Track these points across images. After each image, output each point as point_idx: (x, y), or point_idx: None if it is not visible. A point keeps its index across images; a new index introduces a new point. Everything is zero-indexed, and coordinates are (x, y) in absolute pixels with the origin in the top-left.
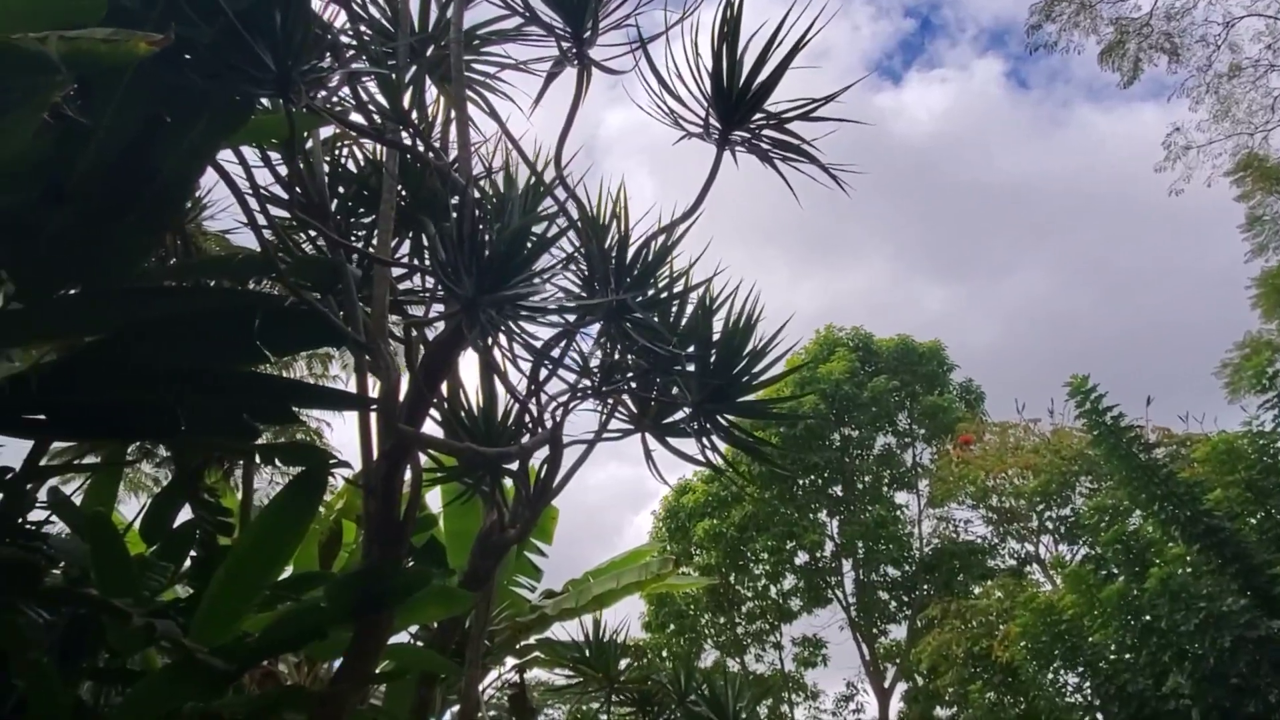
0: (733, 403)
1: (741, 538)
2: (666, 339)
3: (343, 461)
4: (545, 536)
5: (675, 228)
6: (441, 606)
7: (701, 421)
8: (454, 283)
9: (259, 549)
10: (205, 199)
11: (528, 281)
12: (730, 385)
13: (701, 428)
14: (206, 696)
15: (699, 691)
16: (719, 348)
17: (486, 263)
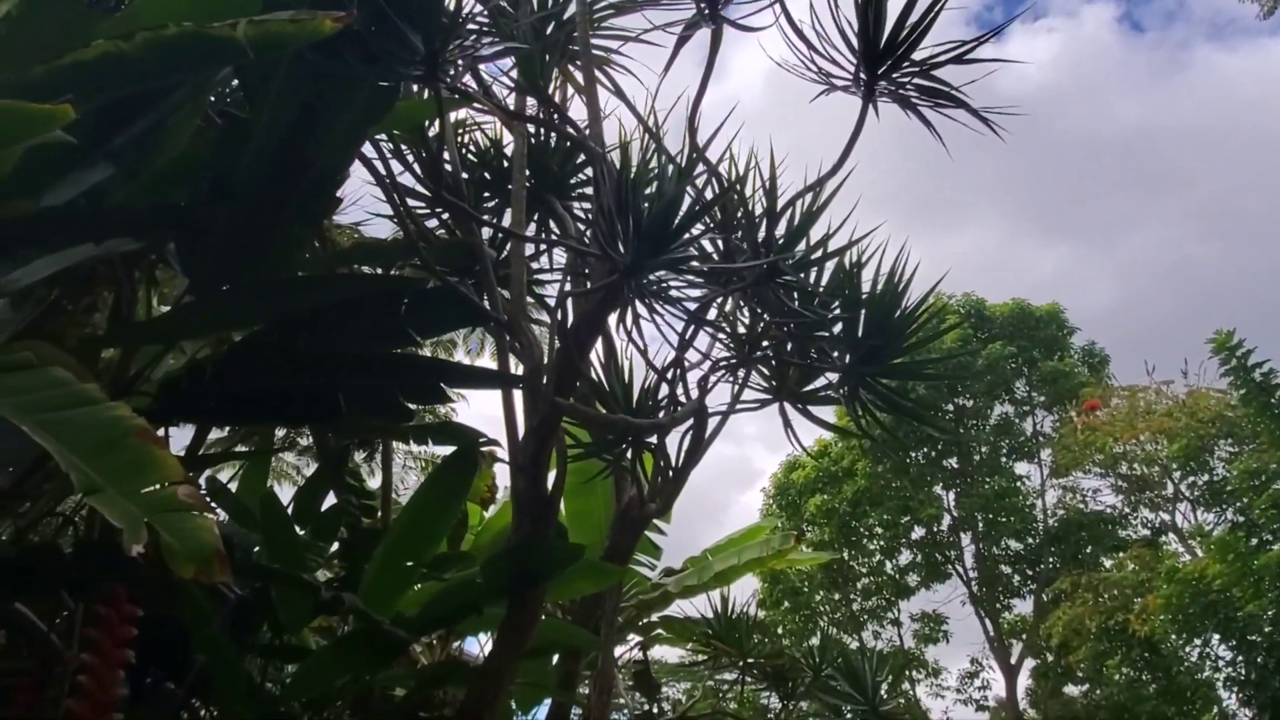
0: (886, 365)
1: (854, 513)
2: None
3: (492, 440)
4: (665, 515)
5: (822, 186)
6: (590, 580)
7: (853, 385)
8: (611, 250)
9: (415, 528)
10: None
11: (683, 247)
12: (885, 346)
13: (853, 392)
14: (372, 670)
15: (835, 665)
16: (869, 308)
17: (645, 229)
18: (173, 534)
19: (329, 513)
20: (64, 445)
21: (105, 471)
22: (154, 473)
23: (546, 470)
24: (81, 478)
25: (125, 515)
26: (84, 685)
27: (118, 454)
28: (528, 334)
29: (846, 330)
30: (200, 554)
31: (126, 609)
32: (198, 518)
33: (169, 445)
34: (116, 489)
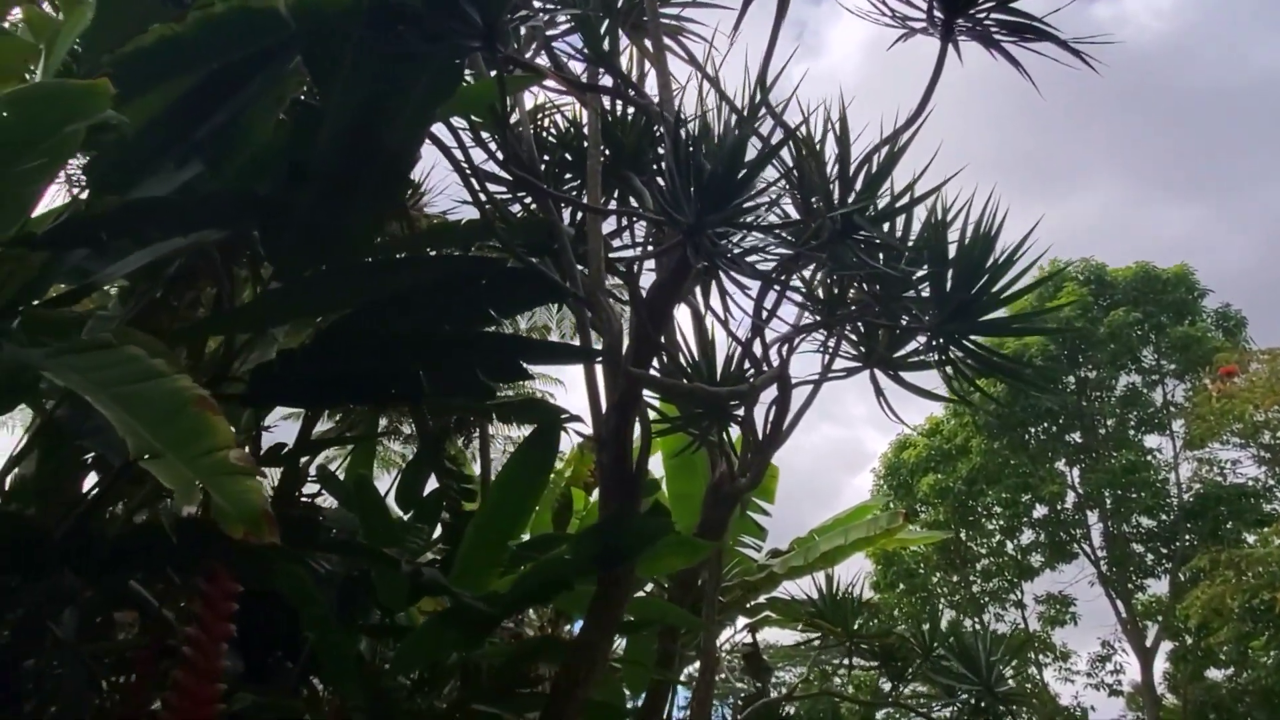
0: (975, 321)
1: (970, 492)
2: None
3: (574, 416)
4: (767, 495)
5: (900, 136)
6: (681, 556)
7: (942, 344)
8: (674, 210)
9: (502, 506)
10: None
11: (748, 201)
12: (974, 301)
13: (942, 351)
14: (467, 646)
15: (947, 645)
16: (956, 262)
17: (705, 185)
18: (224, 496)
19: (431, 497)
20: (129, 415)
21: (165, 439)
22: (209, 439)
23: (630, 445)
24: (138, 443)
25: (180, 479)
26: (189, 657)
27: (177, 423)
28: (606, 308)
29: (933, 286)
30: (249, 515)
31: (227, 585)
32: (248, 481)
33: (221, 412)
34: (175, 455)
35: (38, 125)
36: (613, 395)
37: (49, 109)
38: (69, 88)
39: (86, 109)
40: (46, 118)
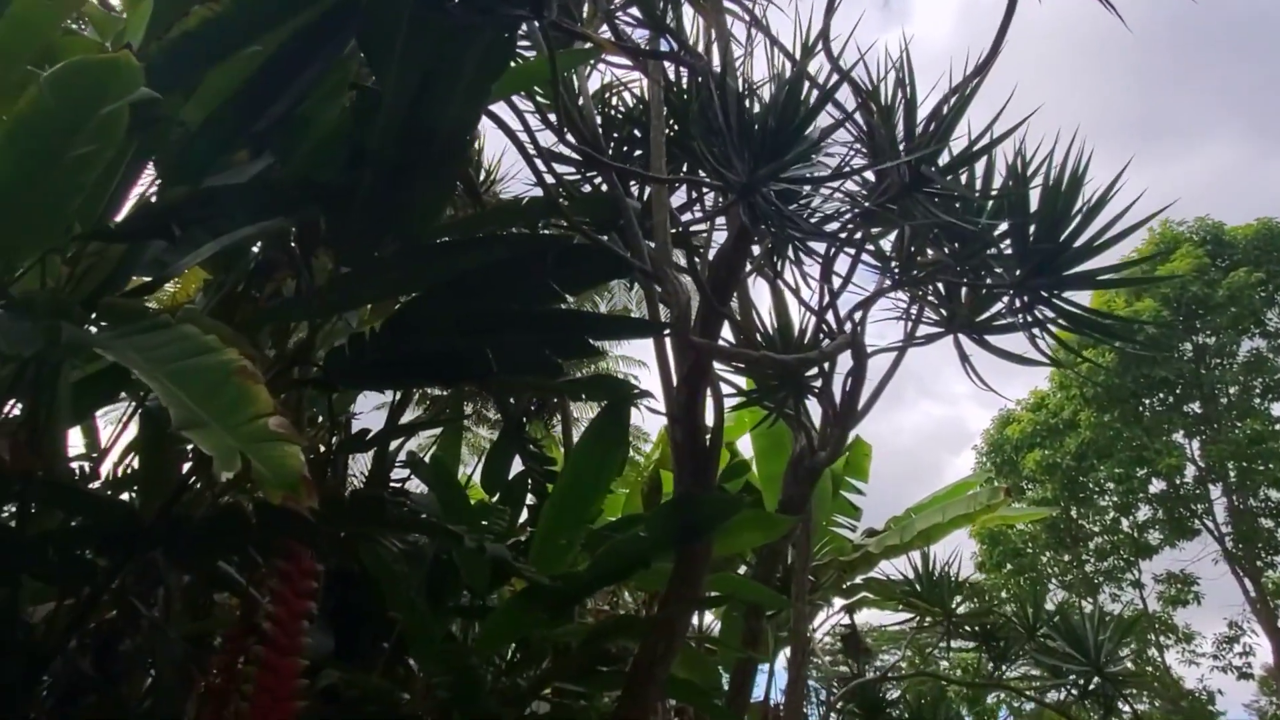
0: (1061, 276)
1: (1080, 467)
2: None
3: (645, 391)
4: (860, 474)
5: (969, 82)
6: (759, 531)
7: (1027, 302)
8: (726, 169)
9: (576, 484)
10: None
11: (804, 155)
12: (1059, 252)
13: (1027, 310)
14: (549, 624)
15: (1052, 625)
16: (1040, 213)
17: (757, 140)
18: (263, 462)
19: (515, 480)
20: (176, 388)
21: (209, 409)
22: (250, 407)
23: (703, 420)
24: (181, 414)
25: (221, 447)
26: (271, 634)
27: (221, 393)
28: (673, 281)
29: (1015, 239)
30: (287, 480)
31: (306, 564)
32: (286, 446)
33: (263, 381)
34: (218, 424)
35: (77, 107)
36: (682, 368)
37: (80, 87)
38: (93, 62)
39: (117, 85)
40: (81, 97)
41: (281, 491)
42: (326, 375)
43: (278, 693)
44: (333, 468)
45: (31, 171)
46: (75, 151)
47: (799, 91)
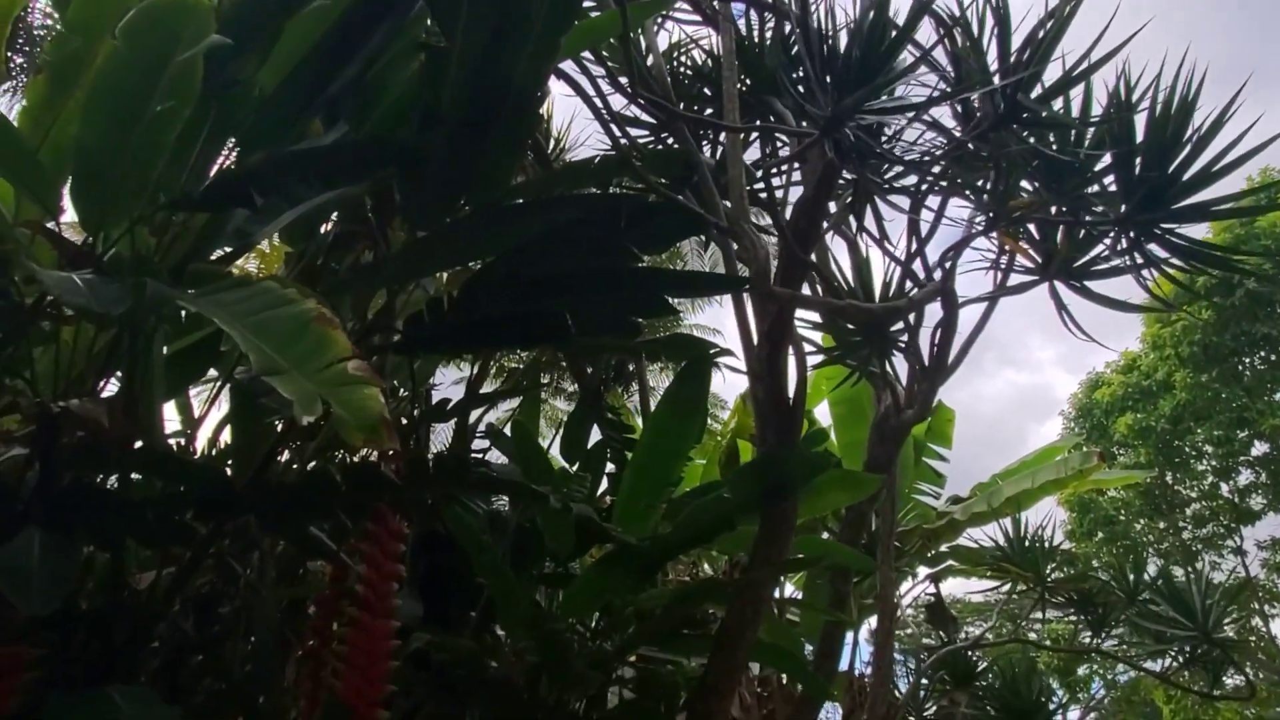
0: (1170, 209)
1: (1175, 430)
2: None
3: (724, 350)
4: (944, 440)
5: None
6: (846, 491)
7: (1134, 239)
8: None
9: (656, 449)
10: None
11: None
12: (1169, 182)
13: (1134, 248)
14: (633, 589)
15: (1155, 589)
16: (1146, 143)
17: (841, 71)
18: (343, 406)
19: (594, 449)
20: (259, 339)
21: (290, 357)
22: (328, 352)
23: (785, 377)
24: (260, 360)
25: (301, 392)
26: (363, 595)
27: (300, 340)
28: (750, 236)
29: (1119, 172)
30: (367, 423)
31: (393, 526)
32: (366, 389)
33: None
34: (298, 370)
35: (152, 54)
36: (763, 324)
37: (153, 31)
38: (164, 5)
39: (190, 29)
40: (155, 43)
41: (362, 434)
42: (406, 342)
43: (372, 654)
44: (415, 438)
45: (115, 134)
46: (154, 107)
47: (884, 17)
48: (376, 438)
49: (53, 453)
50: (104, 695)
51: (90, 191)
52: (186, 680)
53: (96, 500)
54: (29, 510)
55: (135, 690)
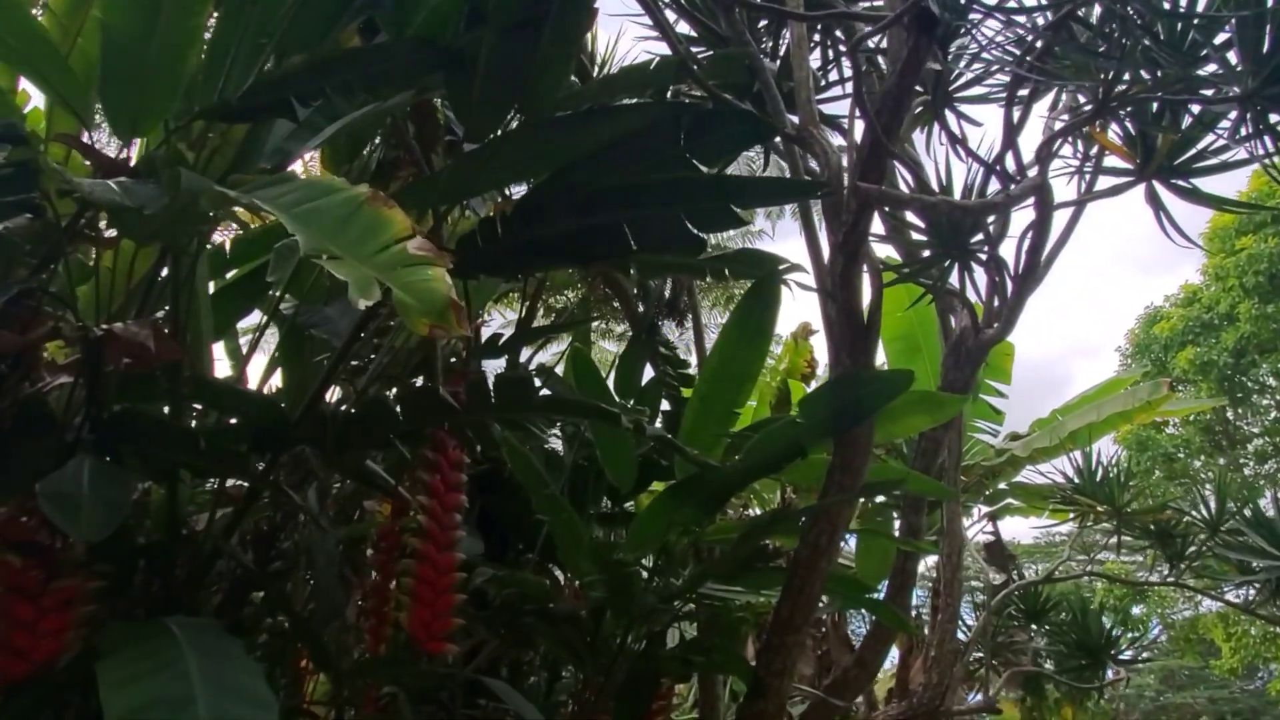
0: None
1: (1238, 364)
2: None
3: (795, 265)
4: (1002, 375)
5: None
6: (925, 414)
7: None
8: None
9: (722, 373)
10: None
11: None
12: None
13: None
14: (698, 521)
15: (1240, 517)
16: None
17: None
18: (405, 290)
19: (649, 385)
20: (310, 227)
21: (343, 243)
22: (385, 233)
23: (860, 292)
24: (310, 242)
25: (357, 276)
26: (425, 526)
27: (354, 224)
28: (821, 141)
29: (1244, 39)
30: (434, 306)
31: (454, 454)
32: (430, 269)
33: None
34: (353, 255)
35: None
36: (835, 235)
37: None
38: None
39: None
40: None
41: (428, 320)
42: (458, 265)
43: (436, 586)
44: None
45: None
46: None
47: None
48: (444, 322)
49: (99, 380)
50: (160, 625)
51: (121, 90)
52: (250, 617)
53: (147, 429)
54: (79, 439)
55: (194, 620)
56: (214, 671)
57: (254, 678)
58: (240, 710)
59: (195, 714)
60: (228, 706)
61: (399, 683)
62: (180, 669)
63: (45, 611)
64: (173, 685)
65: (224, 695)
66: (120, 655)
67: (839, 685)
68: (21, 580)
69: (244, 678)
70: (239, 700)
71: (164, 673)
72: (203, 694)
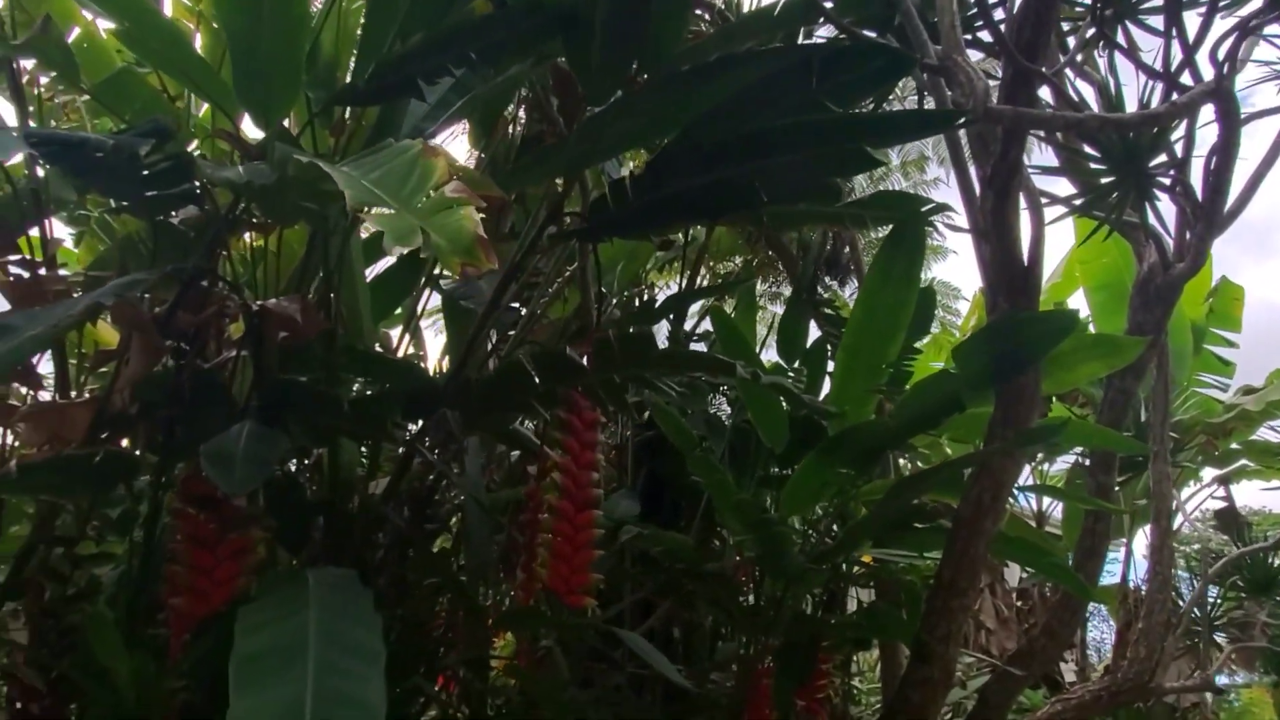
0: None
1: None
2: None
3: (941, 204)
4: (1230, 323)
5: None
6: (1100, 359)
7: None
8: None
9: (867, 324)
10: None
11: None
12: None
13: None
14: (852, 480)
15: None
16: None
17: None
18: (439, 233)
19: (814, 346)
20: (364, 180)
21: (400, 197)
22: (429, 181)
23: (1015, 230)
24: (357, 195)
25: (399, 226)
26: (562, 484)
27: (410, 178)
28: (966, 69)
29: None
30: (462, 244)
31: (587, 414)
32: (460, 211)
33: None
34: (406, 209)
35: None
36: (985, 167)
37: None
38: None
39: None
40: None
41: (459, 258)
42: (591, 227)
43: (574, 541)
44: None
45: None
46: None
47: None
48: (474, 259)
49: (263, 354)
50: (301, 575)
51: (247, 83)
52: (409, 575)
53: (305, 397)
54: (246, 408)
55: (332, 571)
56: (331, 623)
57: (369, 630)
58: (346, 662)
59: (304, 662)
60: (334, 657)
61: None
62: (301, 619)
63: (220, 560)
64: (291, 634)
65: (333, 646)
66: (260, 602)
67: (1024, 656)
68: (200, 531)
69: (359, 630)
70: (346, 652)
71: (288, 621)
72: (315, 643)
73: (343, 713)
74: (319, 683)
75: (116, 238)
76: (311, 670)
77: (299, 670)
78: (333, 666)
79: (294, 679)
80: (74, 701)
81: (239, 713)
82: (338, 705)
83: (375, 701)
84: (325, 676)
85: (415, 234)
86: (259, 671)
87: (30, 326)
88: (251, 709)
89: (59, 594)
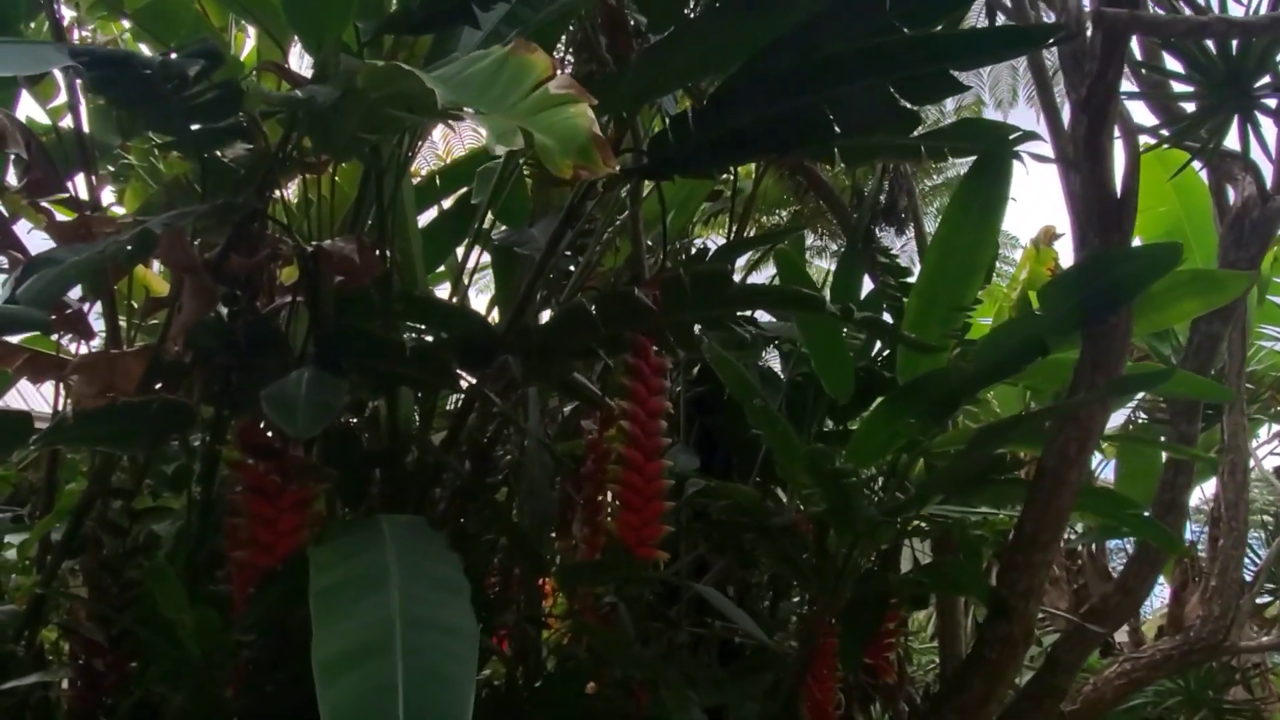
0: None
1: None
2: None
3: (1028, 133)
4: None
5: None
6: (1198, 297)
7: None
8: None
9: (945, 265)
10: None
11: None
12: None
13: None
14: (924, 430)
15: None
16: None
17: None
18: (545, 132)
19: (869, 298)
20: (448, 84)
21: (489, 98)
22: (527, 79)
23: (1110, 158)
24: (447, 94)
25: (498, 126)
26: (629, 432)
27: (499, 78)
28: None
29: None
30: (575, 144)
31: (654, 360)
32: (570, 108)
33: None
34: (498, 111)
35: None
36: (1078, 93)
37: None
38: None
39: None
40: None
41: (571, 160)
42: (651, 165)
43: (644, 492)
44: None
45: None
46: None
47: None
48: (588, 161)
49: (319, 299)
50: (372, 519)
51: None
52: (471, 526)
53: (362, 343)
54: (304, 354)
55: (403, 517)
56: (411, 559)
57: (451, 568)
58: (430, 594)
59: (387, 591)
60: (419, 590)
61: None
62: (379, 555)
63: (282, 511)
64: (370, 568)
65: (417, 580)
66: (331, 543)
67: (1098, 613)
68: (261, 481)
69: (441, 567)
70: (432, 585)
71: (364, 555)
72: (397, 575)
73: (434, 638)
74: (406, 609)
75: (163, 181)
76: (397, 598)
77: (383, 596)
78: (419, 596)
79: (380, 603)
80: (136, 657)
81: (324, 638)
82: (428, 629)
83: (468, 628)
84: (411, 605)
85: (516, 134)
86: (342, 599)
87: (76, 256)
88: (338, 633)
89: (117, 549)
